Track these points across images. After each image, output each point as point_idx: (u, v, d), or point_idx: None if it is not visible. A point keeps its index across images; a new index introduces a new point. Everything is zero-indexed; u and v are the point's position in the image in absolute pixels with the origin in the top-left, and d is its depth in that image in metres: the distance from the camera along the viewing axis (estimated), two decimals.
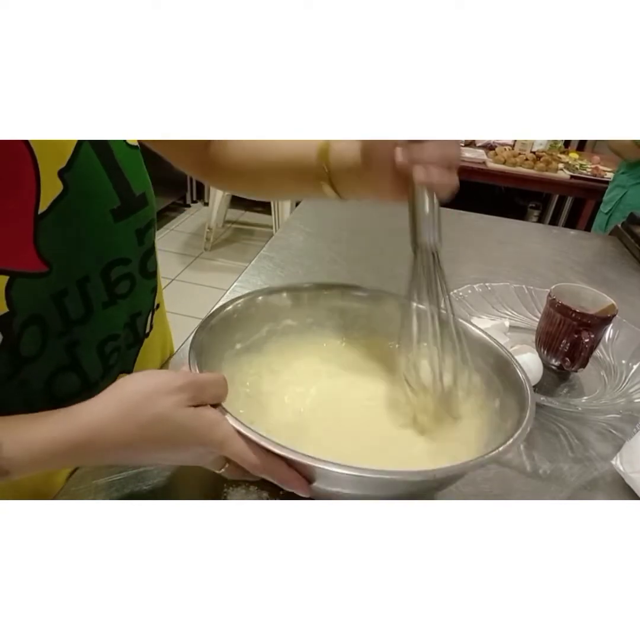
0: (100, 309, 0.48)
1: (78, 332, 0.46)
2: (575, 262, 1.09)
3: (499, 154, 2.55)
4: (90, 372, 0.49)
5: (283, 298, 0.55)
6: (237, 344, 0.51)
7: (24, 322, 0.40)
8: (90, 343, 0.48)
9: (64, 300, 0.44)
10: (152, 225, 0.51)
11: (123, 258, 0.48)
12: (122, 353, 0.54)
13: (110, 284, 0.48)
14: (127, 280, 0.50)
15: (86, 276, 0.45)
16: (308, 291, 0.56)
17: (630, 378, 0.68)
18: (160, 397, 0.36)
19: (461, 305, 0.77)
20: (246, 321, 0.52)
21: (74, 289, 0.44)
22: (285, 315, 0.55)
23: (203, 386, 0.38)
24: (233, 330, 0.51)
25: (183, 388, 0.37)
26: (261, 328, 0.54)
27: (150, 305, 0.57)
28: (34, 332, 0.42)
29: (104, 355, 0.51)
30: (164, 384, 0.37)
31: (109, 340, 0.50)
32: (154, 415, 0.36)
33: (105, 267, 0.47)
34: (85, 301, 0.46)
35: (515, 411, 0.43)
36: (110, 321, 0.50)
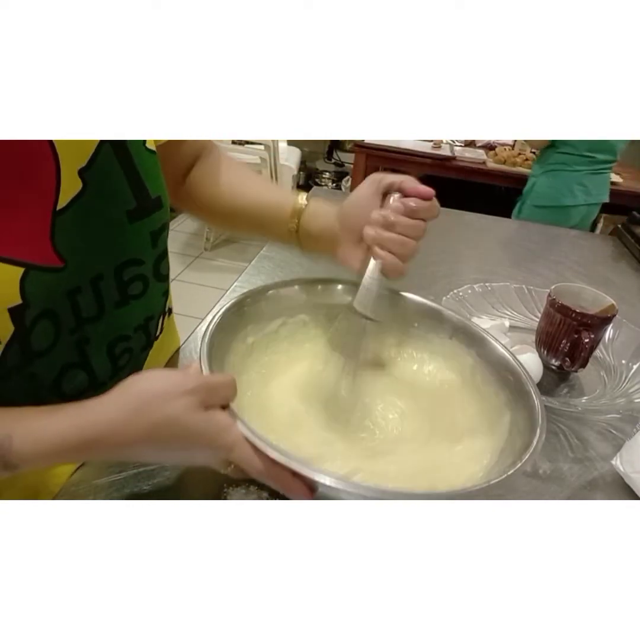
0: (112, 309, 0.48)
1: (89, 330, 0.47)
2: (575, 262, 1.09)
3: (499, 154, 2.55)
4: (98, 372, 0.50)
5: (296, 291, 0.55)
6: (249, 337, 0.51)
7: (37, 316, 0.41)
8: (100, 342, 0.49)
9: (77, 297, 0.44)
10: (165, 228, 0.52)
11: (136, 259, 0.49)
12: (135, 355, 0.54)
13: (123, 284, 0.48)
14: (140, 281, 0.50)
15: (100, 274, 0.46)
16: (322, 284, 0.56)
17: (630, 378, 0.68)
18: (171, 399, 0.36)
19: (461, 306, 0.77)
20: (257, 314, 0.52)
21: (88, 286, 0.45)
22: (299, 310, 0.55)
23: (214, 389, 0.38)
24: (245, 323, 0.51)
25: (194, 391, 0.36)
26: (272, 321, 0.54)
27: (161, 308, 0.57)
28: (46, 327, 0.42)
29: (114, 355, 0.51)
30: (176, 385, 0.36)
31: (120, 340, 0.51)
32: (164, 417, 0.35)
33: (118, 266, 0.47)
34: (98, 300, 0.46)
35: (526, 432, 0.42)
36: (121, 321, 0.50)
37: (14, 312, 0.38)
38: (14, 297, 0.38)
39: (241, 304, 0.50)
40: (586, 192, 2.00)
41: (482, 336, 0.52)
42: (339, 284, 0.56)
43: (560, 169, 1.99)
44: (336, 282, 0.56)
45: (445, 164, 2.45)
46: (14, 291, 0.38)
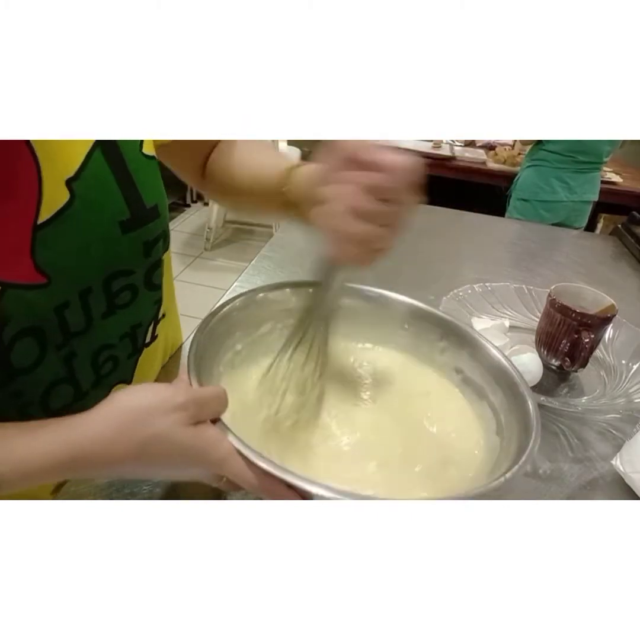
0: (100, 320, 0.47)
1: (76, 344, 0.45)
2: (575, 262, 1.09)
3: (499, 154, 2.56)
4: (82, 382, 0.48)
5: (286, 294, 0.53)
6: (237, 344, 0.50)
7: (17, 333, 0.39)
8: (86, 354, 0.47)
9: (65, 312, 0.42)
10: (161, 237, 0.50)
11: (126, 270, 0.47)
12: (121, 363, 0.52)
13: (111, 295, 0.47)
14: (128, 291, 0.48)
15: (89, 287, 0.44)
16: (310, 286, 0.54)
17: (630, 378, 0.68)
18: (159, 415, 0.34)
19: (461, 306, 0.77)
20: (246, 320, 0.50)
21: (76, 300, 0.43)
22: (288, 315, 0.53)
23: (204, 403, 0.36)
24: (233, 330, 0.49)
25: (183, 406, 0.35)
26: (260, 326, 0.52)
27: (152, 316, 0.55)
28: (28, 344, 0.40)
29: (97, 364, 0.49)
30: (164, 401, 0.35)
31: (103, 349, 0.49)
32: (153, 434, 0.34)
33: (107, 278, 0.45)
34: (86, 312, 0.45)
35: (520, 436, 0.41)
36: (106, 331, 0.48)
37: None
38: None
39: (229, 310, 0.48)
40: (569, 190, 2.04)
41: (474, 337, 0.51)
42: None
43: (540, 165, 2.04)
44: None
45: (445, 164, 2.45)
46: None
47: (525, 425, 0.41)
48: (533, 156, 2.07)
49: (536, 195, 2.07)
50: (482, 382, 0.49)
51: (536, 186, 2.06)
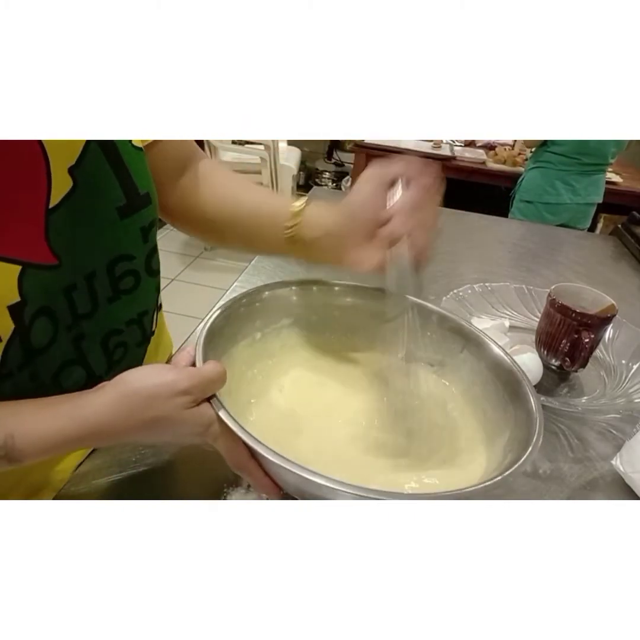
0: (106, 304, 0.49)
1: (85, 326, 0.48)
2: (575, 262, 1.09)
3: (499, 154, 2.56)
4: (95, 366, 0.50)
5: (292, 291, 0.55)
6: (257, 333, 0.52)
7: (35, 313, 0.42)
8: (94, 337, 0.50)
9: (73, 294, 0.45)
10: (155, 224, 0.52)
11: (127, 254, 0.49)
12: (130, 350, 0.55)
13: (115, 280, 0.49)
14: (131, 276, 0.51)
15: (93, 271, 0.46)
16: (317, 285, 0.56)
17: (630, 378, 0.68)
18: (164, 399, 0.38)
19: (461, 305, 0.77)
20: (262, 312, 0.52)
21: (83, 283, 0.46)
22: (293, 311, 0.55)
23: (206, 386, 0.39)
24: (253, 318, 0.51)
25: (187, 391, 0.38)
26: (279, 320, 0.54)
27: (155, 303, 0.57)
28: (44, 324, 0.43)
29: (108, 350, 0.52)
30: (168, 385, 0.38)
31: (112, 335, 0.51)
32: (158, 416, 0.38)
33: (110, 262, 0.48)
34: (92, 296, 0.47)
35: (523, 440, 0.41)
36: (113, 316, 0.51)
37: (14, 310, 0.39)
38: (13, 295, 0.39)
39: (237, 305, 0.50)
40: (573, 192, 2.03)
41: (478, 336, 0.51)
42: (335, 286, 0.56)
43: (545, 167, 2.03)
44: (332, 284, 0.56)
45: (445, 164, 2.45)
46: (12, 289, 0.39)
47: (528, 425, 0.42)
48: (538, 158, 2.06)
49: (540, 198, 2.06)
50: (487, 380, 0.49)
51: (540, 188, 2.05)
